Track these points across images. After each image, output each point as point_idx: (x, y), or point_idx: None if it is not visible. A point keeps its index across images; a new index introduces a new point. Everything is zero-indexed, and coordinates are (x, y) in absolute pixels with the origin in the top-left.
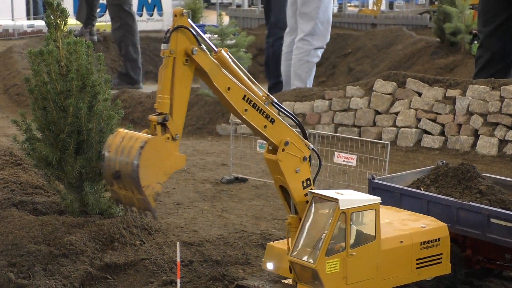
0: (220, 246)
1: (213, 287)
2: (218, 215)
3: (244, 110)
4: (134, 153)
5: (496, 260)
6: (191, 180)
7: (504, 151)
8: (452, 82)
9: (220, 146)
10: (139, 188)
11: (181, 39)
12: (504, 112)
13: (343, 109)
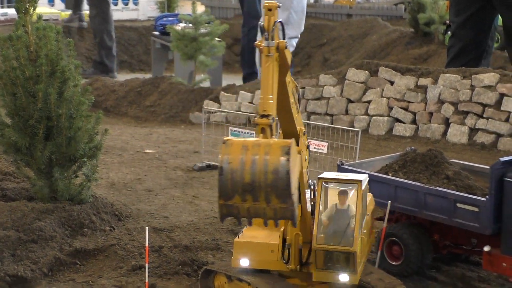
0: (190, 232)
1: (182, 272)
2: (189, 201)
3: (292, 102)
4: (276, 160)
5: (463, 245)
6: (163, 167)
7: (475, 139)
8: (424, 71)
9: (192, 134)
10: (287, 196)
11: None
12: (474, 101)
13: (316, 97)
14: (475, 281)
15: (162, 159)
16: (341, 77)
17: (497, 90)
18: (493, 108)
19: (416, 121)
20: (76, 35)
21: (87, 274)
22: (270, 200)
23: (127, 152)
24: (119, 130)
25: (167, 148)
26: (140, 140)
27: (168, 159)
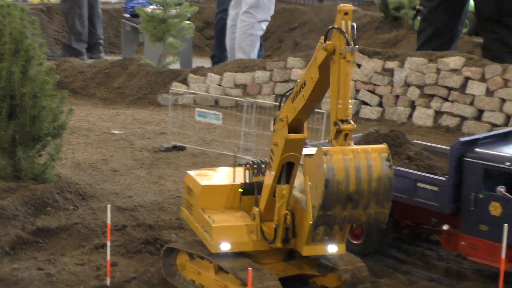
0: (154, 211)
1: (145, 251)
2: (154, 181)
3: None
4: (380, 167)
5: (423, 224)
6: (129, 148)
7: (440, 122)
8: (391, 55)
9: (160, 115)
10: (386, 201)
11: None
12: (440, 84)
13: (284, 80)
14: (434, 259)
15: (129, 140)
16: (309, 59)
17: (462, 74)
18: (458, 91)
19: (383, 104)
20: (44, 16)
21: (50, 252)
22: (369, 206)
23: (93, 133)
24: (86, 111)
25: (134, 129)
26: (107, 121)
27: (134, 140)
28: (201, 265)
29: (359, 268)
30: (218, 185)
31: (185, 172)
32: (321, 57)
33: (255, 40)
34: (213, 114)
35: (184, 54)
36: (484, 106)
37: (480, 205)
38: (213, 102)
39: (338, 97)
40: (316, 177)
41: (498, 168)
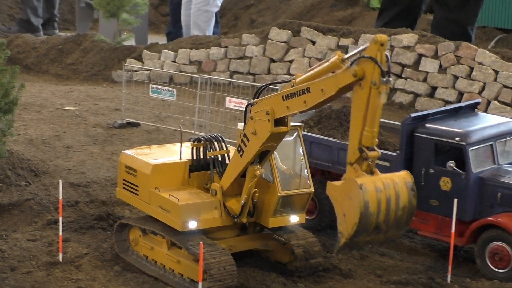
0: (108, 188)
1: (97, 226)
2: (107, 158)
3: None
4: (406, 198)
5: None
6: (82, 124)
7: (393, 99)
8: (345, 31)
9: (114, 92)
10: (407, 226)
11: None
12: (393, 61)
13: (239, 56)
14: None
15: (82, 116)
16: (264, 36)
17: (415, 51)
18: (411, 68)
19: None
20: None
21: (1, 228)
22: (390, 231)
23: (46, 109)
24: (40, 87)
25: (88, 105)
26: (60, 97)
27: (88, 116)
28: (154, 241)
29: (312, 242)
30: (169, 163)
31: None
32: (346, 80)
33: (210, 17)
34: (167, 90)
35: (140, 31)
36: (437, 83)
37: (430, 180)
38: (168, 78)
39: (364, 124)
40: (347, 207)
41: (448, 143)
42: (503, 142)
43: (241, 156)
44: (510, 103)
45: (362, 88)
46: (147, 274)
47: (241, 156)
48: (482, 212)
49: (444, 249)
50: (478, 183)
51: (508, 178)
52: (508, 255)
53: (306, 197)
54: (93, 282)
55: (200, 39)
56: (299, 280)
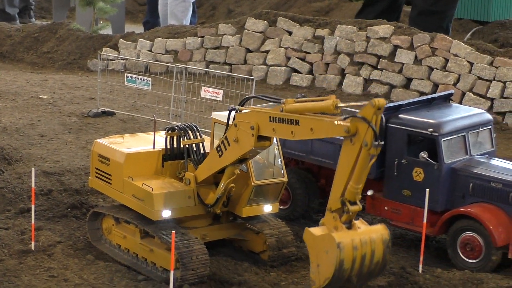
0: (81, 176)
1: (70, 215)
2: (82, 146)
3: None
4: (380, 254)
5: None
6: (57, 113)
7: (369, 90)
8: (322, 22)
9: (89, 81)
10: (378, 276)
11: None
12: (369, 52)
13: (215, 46)
14: None
15: (57, 105)
16: (240, 26)
17: (391, 42)
18: (387, 59)
19: (313, 71)
20: None
21: None
22: (360, 281)
23: (21, 98)
24: (14, 75)
25: (63, 94)
26: (35, 86)
27: (63, 105)
28: (127, 230)
29: (284, 232)
30: (142, 152)
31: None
32: (337, 133)
33: (187, 6)
34: (142, 79)
35: (117, 20)
36: (412, 74)
37: (403, 171)
38: (144, 68)
39: (350, 178)
40: (323, 260)
41: (421, 134)
42: (475, 133)
43: (219, 156)
44: (485, 95)
45: (353, 144)
46: (120, 262)
47: (220, 156)
48: (454, 202)
49: (416, 239)
50: (451, 173)
51: (480, 168)
52: (480, 245)
53: (279, 187)
54: (65, 271)
55: (177, 29)
56: (272, 270)
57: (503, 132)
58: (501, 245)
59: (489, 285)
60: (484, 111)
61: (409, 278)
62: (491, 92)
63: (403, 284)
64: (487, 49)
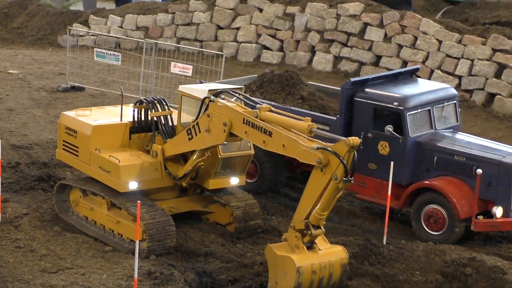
0: (49, 150)
1: (38, 188)
2: (50, 121)
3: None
4: (338, 277)
5: None
6: (26, 88)
7: (339, 67)
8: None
9: (59, 56)
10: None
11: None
12: (340, 30)
13: (186, 23)
14: None
15: (26, 80)
16: (211, 3)
17: (361, 20)
18: (357, 37)
19: (283, 48)
20: None
21: None
22: None
23: None
24: None
25: (32, 69)
26: (4, 60)
27: (32, 80)
28: (94, 202)
29: (251, 205)
30: (109, 124)
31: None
32: (308, 160)
33: None
34: (111, 54)
35: None
36: (381, 51)
37: (369, 144)
38: (114, 44)
39: (316, 204)
40: (281, 280)
41: (386, 108)
42: (440, 107)
43: (189, 139)
44: (453, 73)
45: (323, 174)
46: (87, 234)
47: (189, 140)
48: (418, 175)
49: (382, 212)
50: (415, 147)
51: (445, 142)
52: (443, 217)
53: (246, 159)
54: (32, 242)
55: (148, 5)
56: (238, 241)
57: (471, 109)
58: (464, 218)
59: (452, 256)
60: (449, 86)
61: (373, 250)
62: (459, 70)
63: (368, 255)
64: (456, 27)
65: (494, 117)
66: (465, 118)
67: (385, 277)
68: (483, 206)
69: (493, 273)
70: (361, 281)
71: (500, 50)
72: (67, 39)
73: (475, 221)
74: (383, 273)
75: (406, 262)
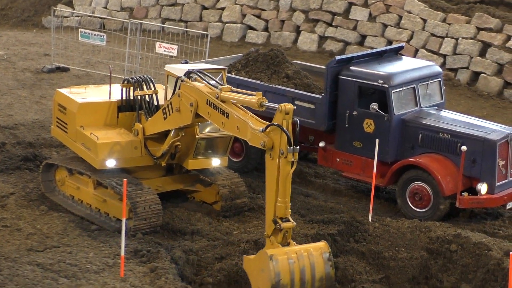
0: (35, 130)
1: (24, 167)
2: (35, 101)
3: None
4: (322, 268)
5: (302, 142)
6: (11, 69)
7: (324, 47)
8: None
9: (44, 37)
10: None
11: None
12: (324, 9)
13: (171, 3)
14: (311, 176)
15: (11, 61)
16: None
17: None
18: (342, 16)
19: (268, 28)
20: None
21: None
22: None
23: None
24: None
25: (17, 50)
26: None
27: (17, 61)
28: (80, 181)
29: (237, 183)
30: (95, 102)
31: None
32: (255, 143)
33: None
34: (96, 35)
35: None
36: (366, 31)
37: (354, 122)
38: (99, 25)
39: (276, 195)
40: (261, 281)
41: (371, 86)
42: (425, 85)
43: (164, 119)
44: (437, 51)
45: (272, 159)
46: (73, 213)
47: (164, 119)
48: (403, 153)
49: (367, 190)
50: (400, 125)
51: (430, 120)
52: (428, 194)
53: (227, 140)
54: (18, 221)
55: None
56: (225, 220)
57: (455, 88)
58: (449, 195)
59: (437, 233)
60: (434, 64)
61: (359, 227)
62: (444, 49)
63: (353, 232)
64: (440, 6)
65: (479, 96)
66: (450, 97)
67: (370, 254)
68: (467, 183)
69: (478, 249)
70: (347, 258)
71: (485, 28)
72: (52, 20)
73: (460, 198)
74: (368, 250)
75: (391, 239)
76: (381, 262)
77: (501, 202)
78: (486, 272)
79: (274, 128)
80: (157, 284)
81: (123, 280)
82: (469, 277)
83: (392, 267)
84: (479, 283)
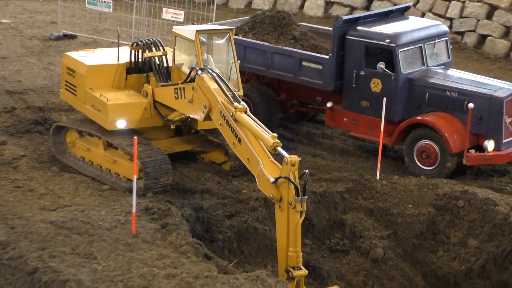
0: (44, 95)
1: (34, 131)
2: (44, 67)
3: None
4: None
5: (309, 104)
6: (19, 36)
7: (330, 12)
8: None
9: (50, 5)
10: None
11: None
12: None
13: None
14: (319, 137)
15: (18, 29)
16: None
17: None
18: None
19: None
20: None
21: None
22: None
23: None
24: None
25: (24, 18)
26: None
27: (24, 29)
28: (90, 142)
29: None
30: (104, 64)
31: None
32: (265, 190)
33: None
34: (103, 2)
35: None
36: None
37: (361, 82)
38: None
39: (287, 245)
40: None
41: (378, 46)
42: (432, 44)
43: (175, 98)
44: (444, 15)
45: (282, 211)
46: (84, 174)
47: (175, 98)
48: (410, 112)
49: (375, 149)
50: (407, 84)
51: (436, 79)
52: (435, 152)
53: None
54: (30, 182)
55: None
56: (234, 179)
57: (462, 51)
58: (456, 152)
59: (444, 189)
60: (440, 23)
61: (367, 185)
62: (450, 12)
63: (361, 190)
64: None
65: (486, 58)
66: (457, 60)
67: (378, 211)
68: (474, 140)
69: (485, 205)
70: (355, 215)
71: None
72: None
73: (467, 155)
74: (376, 207)
75: (399, 196)
76: (389, 219)
77: (508, 159)
78: (492, 227)
79: (283, 181)
80: (168, 240)
81: (135, 236)
82: (476, 232)
83: (399, 223)
84: (486, 237)
